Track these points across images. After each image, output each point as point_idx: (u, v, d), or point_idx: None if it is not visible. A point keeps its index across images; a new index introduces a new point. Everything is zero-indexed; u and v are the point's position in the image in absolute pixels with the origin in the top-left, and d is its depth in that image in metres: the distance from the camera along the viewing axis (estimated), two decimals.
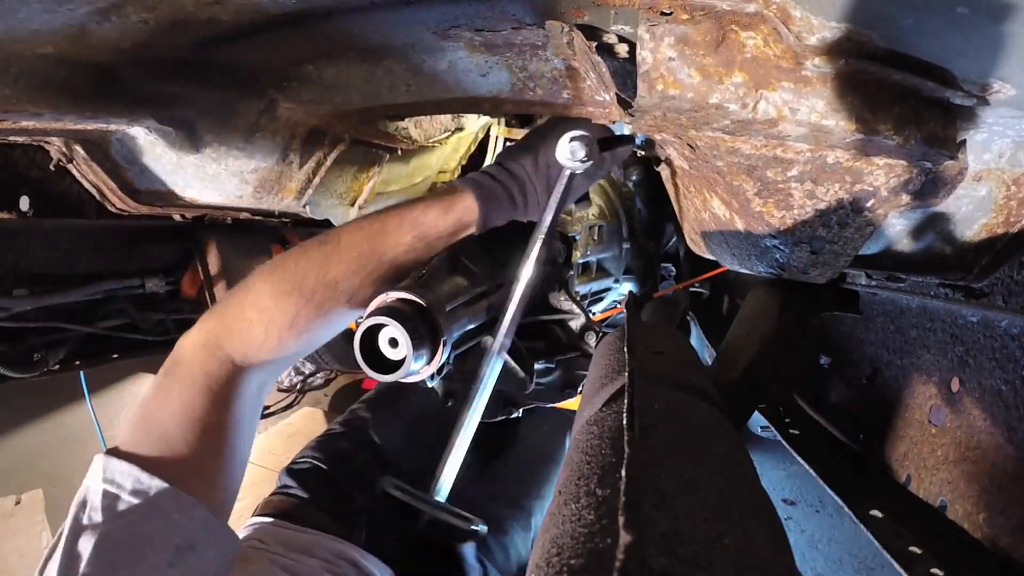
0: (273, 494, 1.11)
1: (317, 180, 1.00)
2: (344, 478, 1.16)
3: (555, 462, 1.47)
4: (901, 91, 0.44)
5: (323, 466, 1.21)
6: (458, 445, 0.71)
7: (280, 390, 3.23)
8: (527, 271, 0.73)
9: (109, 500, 0.55)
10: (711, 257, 0.84)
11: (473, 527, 0.70)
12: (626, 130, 1.15)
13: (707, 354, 1.67)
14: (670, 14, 0.43)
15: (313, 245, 0.68)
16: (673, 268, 1.78)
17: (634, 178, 1.57)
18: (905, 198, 0.50)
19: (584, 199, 1.52)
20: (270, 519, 1.02)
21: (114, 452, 0.58)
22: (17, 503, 1.95)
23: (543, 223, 0.75)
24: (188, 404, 0.61)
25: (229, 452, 0.64)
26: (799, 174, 0.51)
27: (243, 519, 2.12)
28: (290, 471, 1.20)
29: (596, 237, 1.42)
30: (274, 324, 0.64)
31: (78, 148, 0.81)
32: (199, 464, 0.60)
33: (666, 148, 0.67)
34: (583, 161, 0.68)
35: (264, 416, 3.00)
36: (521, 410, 1.05)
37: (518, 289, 0.72)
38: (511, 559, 1.11)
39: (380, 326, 0.64)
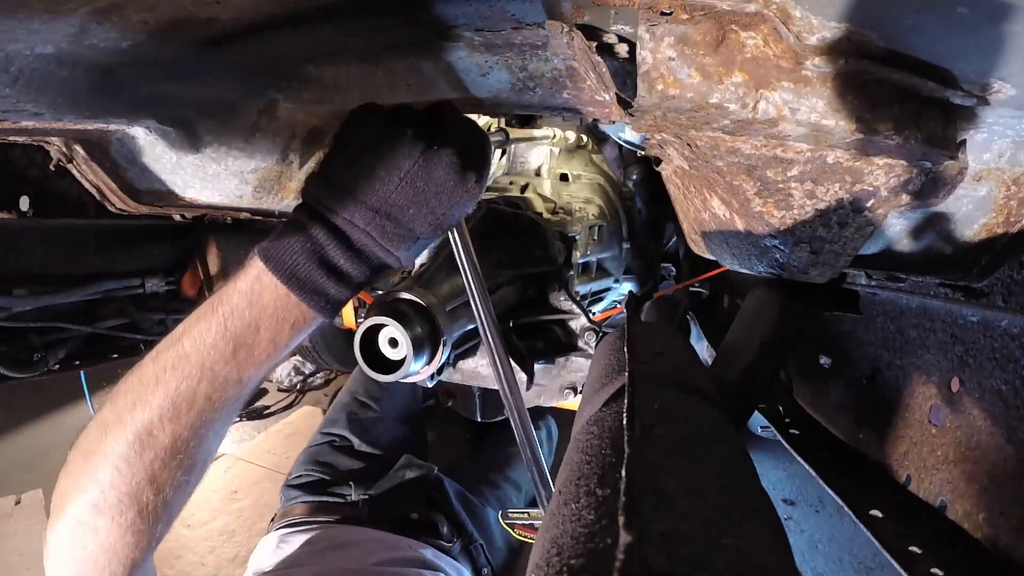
0: (295, 504, 1.20)
1: None
2: (336, 483, 1.25)
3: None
4: (901, 91, 0.44)
5: (314, 477, 1.29)
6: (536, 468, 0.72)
7: (280, 390, 3.23)
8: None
9: None
10: (711, 257, 0.84)
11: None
12: (628, 134, 1.14)
13: (707, 354, 1.67)
14: (670, 14, 0.43)
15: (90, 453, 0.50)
16: (673, 268, 1.78)
17: (634, 178, 1.57)
18: (905, 198, 0.50)
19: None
20: (316, 522, 1.11)
21: None
22: (17, 503, 1.95)
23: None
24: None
25: None
26: (799, 174, 0.51)
27: (243, 517, 2.14)
28: (291, 486, 1.29)
29: (596, 237, 1.42)
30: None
31: (78, 148, 0.81)
32: None
33: (666, 148, 0.67)
34: None
35: (264, 416, 3.01)
36: None
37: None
38: (487, 517, 1.34)
39: (380, 326, 0.64)
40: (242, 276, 0.53)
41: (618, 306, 1.59)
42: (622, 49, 0.54)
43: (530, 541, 0.72)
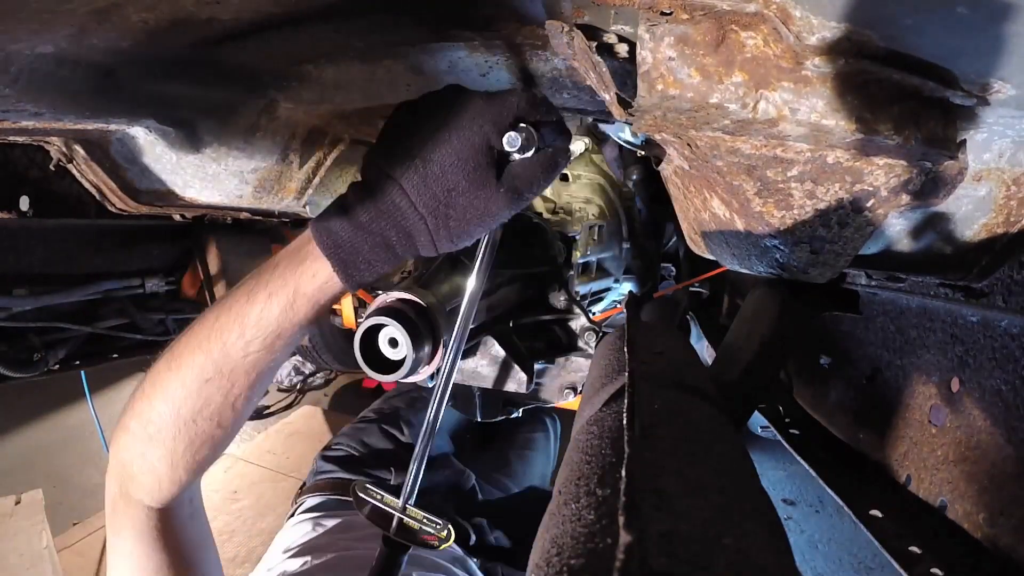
0: (320, 476, 1.18)
1: (317, 180, 1.00)
2: (375, 466, 1.23)
3: (529, 448, 1.60)
4: (901, 91, 0.44)
5: (355, 453, 1.26)
6: (422, 450, 0.70)
7: (280, 390, 3.23)
8: (468, 304, 0.68)
9: None
10: (711, 257, 0.84)
11: (440, 533, 0.69)
12: (628, 134, 1.15)
13: (707, 354, 1.67)
14: (670, 14, 0.43)
15: (161, 373, 0.58)
16: (673, 268, 1.78)
17: (634, 178, 1.57)
18: (905, 198, 0.50)
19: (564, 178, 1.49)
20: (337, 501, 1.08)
21: None
22: (17, 503, 1.94)
23: (479, 254, 0.67)
24: (135, 557, 0.61)
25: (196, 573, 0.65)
26: (799, 174, 0.51)
27: (243, 517, 2.15)
28: (327, 457, 1.27)
29: (596, 237, 1.43)
30: (163, 469, 0.59)
31: (78, 148, 0.81)
32: None
33: (666, 148, 0.67)
34: (523, 150, 0.52)
35: (264, 416, 3.01)
36: (521, 410, 1.05)
37: (460, 318, 0.68)
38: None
39: (380, 326, 0.64)
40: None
41: (618, 306, 1.59)
42: (622, 49, 0.54)
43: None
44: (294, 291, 0.53)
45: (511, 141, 0.51)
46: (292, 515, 1.15)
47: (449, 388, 0.68)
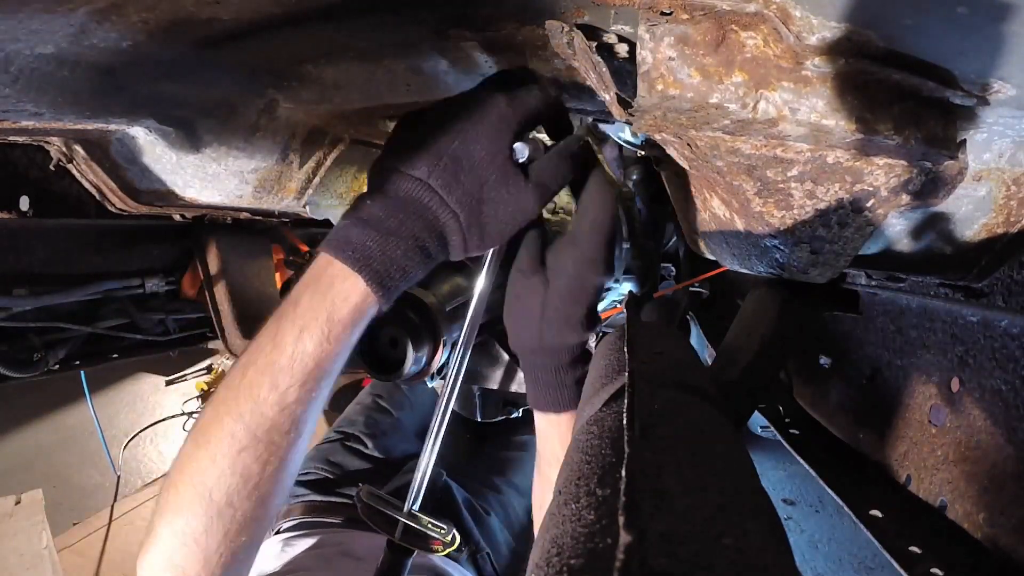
0: (293, 501, 1.16)
1: (317, 180, 1.00)
2: (347, 484, 1.22)
3: (523, 450, 1.60)
4: (901, 91, 0.44)
5: (326, 475, 1.26)
6: (429, 454, 0.69)
7: None
8: (478, 302, 0.67)
9: None
10: (711, 257, 0.84)
11: (445, 537, 0.69)
12: (628, 134, 1.14)
13: (707, 354, 1.67)
14: (670, 14, 0.43)
15: (187, 461, 0.51)
16: (673, 268, 1.78)
17: (634, 178, 1.57)
18: (905, 198, 0.50)
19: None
20: (322, 523, 1.07)
21: None
22: (17, 503, 1.95)
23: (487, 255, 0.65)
24: None
25: None
26: (799, 174, 0.51)
27: None
28: (299, 482, 1.26)
29: None
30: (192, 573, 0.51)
31: (78, 148, 0.81)
32: None
33: (666, 148, 0.67)
34: (529, 160, 0.53)
35: None
36: (521, 410, 1.05)
37: (470, 315, 0.67)
38: (492, 525, 1.27)
39: (380, 326, 0.64)
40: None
41: (618, 306, 1.59)
42: (622, 49, 0.54)
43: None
44: (327, 319, 0.49)
45: (519, 151, 0.52)
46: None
47: (456, 389, 0.68)
